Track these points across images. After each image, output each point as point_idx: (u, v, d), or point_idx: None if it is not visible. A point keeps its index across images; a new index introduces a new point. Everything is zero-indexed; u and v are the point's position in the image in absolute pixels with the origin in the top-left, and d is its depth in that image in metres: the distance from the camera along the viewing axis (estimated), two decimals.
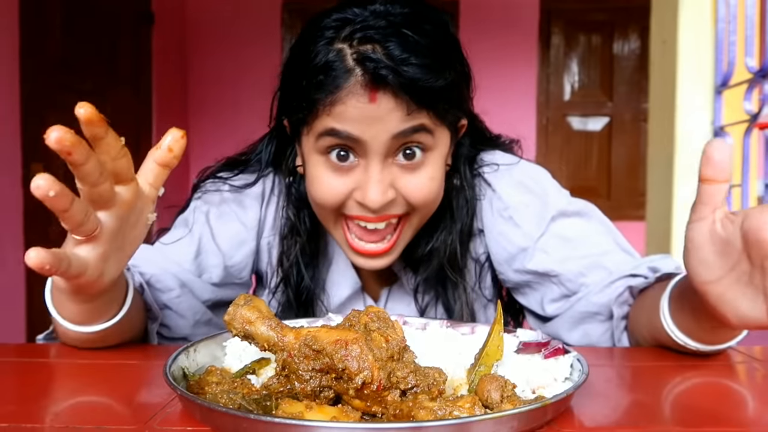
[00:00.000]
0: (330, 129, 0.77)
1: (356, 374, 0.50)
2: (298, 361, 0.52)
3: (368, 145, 0.77)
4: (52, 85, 2.75)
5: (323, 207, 0.83)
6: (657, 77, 2.50)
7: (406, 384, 0.52)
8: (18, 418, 0.53)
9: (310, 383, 0.52)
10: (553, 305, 0.91)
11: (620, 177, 4.30)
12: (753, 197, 2.23)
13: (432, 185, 0.81)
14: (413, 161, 0.79)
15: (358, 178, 0.79)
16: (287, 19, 4.27)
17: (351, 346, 0.50)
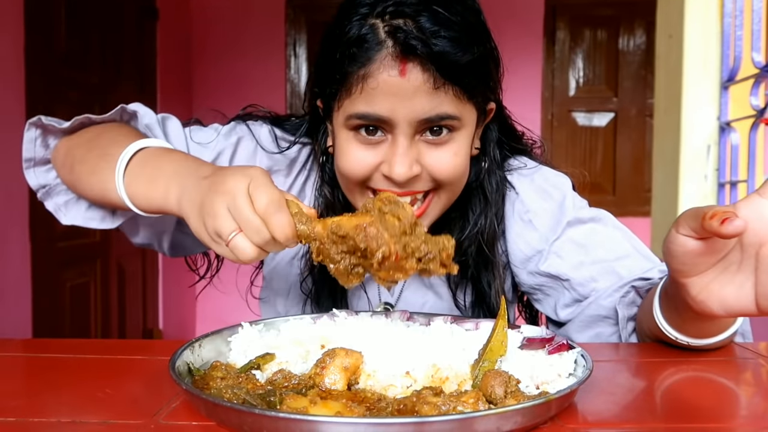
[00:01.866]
0: (360, 113, 0.79)
1: (376, 251, 0.60)
2: (329, 247, 0.62)
3: (396, 124, 0.79)
4: (56, 80, 2.75)
5: (350, 179, 0.84)
6: (663, 72, 2.49)
7: (420, 252, 0.61)
8: (25, 413, 0.54)
9: (342, 263, 0.62)
10: (565, 310, 0.92)
11: (625, 173, 4.28)
12: None
13: (456, 161, 0.82)
14: (439, 137, 0.81)
15: (386, 152, 0.81)
16: (292, 14, 4.26)
17: (369, 229, 0.60)
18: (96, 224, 0.89)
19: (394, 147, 0.80)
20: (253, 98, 3.74)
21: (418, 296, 0.96)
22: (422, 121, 0.79)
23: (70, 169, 0.85)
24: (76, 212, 0.90)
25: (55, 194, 0.91)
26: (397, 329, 0.69)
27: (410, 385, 0.58)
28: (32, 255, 2.53)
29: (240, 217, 0.62)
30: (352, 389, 0.59)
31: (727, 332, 0.72)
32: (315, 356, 0.62)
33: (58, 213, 0.91)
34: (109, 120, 0.89)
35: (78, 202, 0.90)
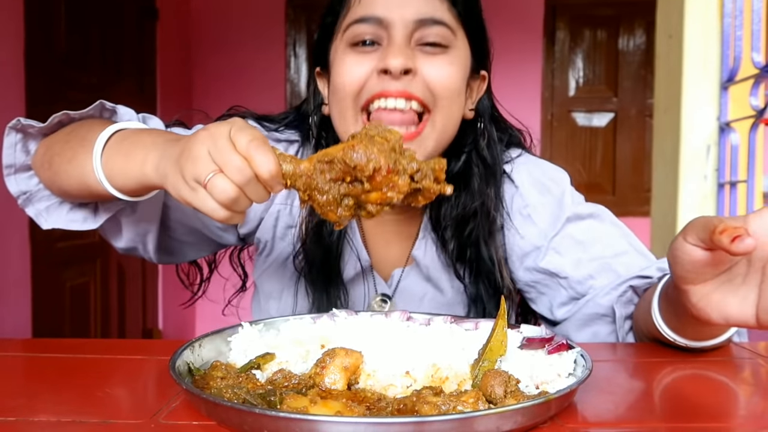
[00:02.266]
0: (358, 17, 0.83)
1: (366, 164, 0.58)
2: (315, 177, 0.59)
3: (392, 24, 0.82)
4: (56, 80, 2.75)
5: (346, 91, 0.84)
6: (662, 72, 2.49)
7: (412, 169, 0.60)
8: (25, 412, 0.54)
9: (330, 193, 0.59)
10: (562, 309, 0.92)
11: (625, 173, 4.28)
12: (758, 193, 2.22)
13: (451, 71, 0.84)
14: (434, 49, 0.84)
15: (381, 54, 0.82)
16: (291, 14, 4.26)
17: (357, 147, 0.59)
18: (78, 225, 0.88)
19: (390, 44, 0.82)
20: (253, 98, 3.75)
21: (418, 288, 0.95)
22: (417, 22, 0.82)
23: (48, 164, 0.83)
24: (58, 216, 0.88)
25: (36, 200, 0.89)
26: (397, 329, 0.69)
27: (410, 384, 0.58)
28: (32, 255, 2.53)
29: (221, 157, 0.58)
30: (352, 389, 0.59)
31: (724, 335, 0.72)
32: (315, 356, 0.62)
33: (39, 218, 0.89)
34: (88, 116, 0.88)
35: (60, 206, 0.89)
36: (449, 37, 0.84)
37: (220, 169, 0.58)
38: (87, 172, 0.76)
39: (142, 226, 0.90)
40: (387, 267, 0.97)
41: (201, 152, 0.59)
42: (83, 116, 0.87)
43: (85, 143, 0.77)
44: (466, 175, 0.92)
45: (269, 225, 0.95)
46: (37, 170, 0.87)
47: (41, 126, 0.86)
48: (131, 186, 0.73)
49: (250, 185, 0.59)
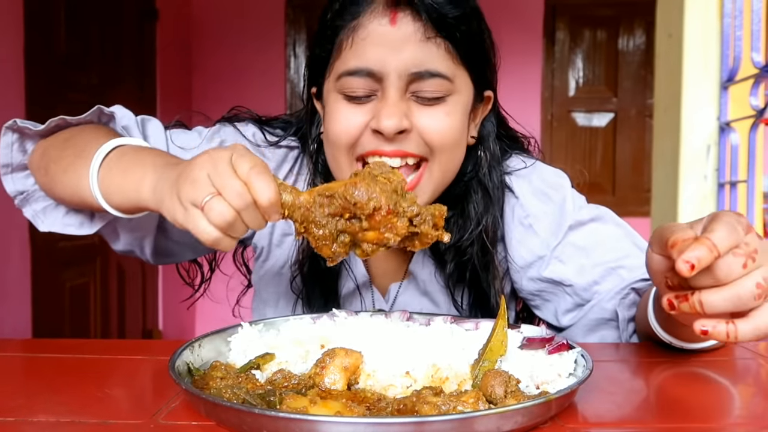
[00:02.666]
0: (350, 69, 0.78)
1: (367, 203, 0.58)
2: (314, 210, 0.59)
3: (386, 76, 0.77)
4: (56, 81, 2.75)
5: (338, 143, 0.81)
6: (662, 72, 2.49)
7: (411, 212, 0.60)
8: (25, 413, 0.54)
9: (327, 227, 0.59)
10: (567, 316, 0.91)
11: (625, 173, 4.28)
12: (758, 193, 2.22)
13: (449, 122, 0.80)
14: (431, 99, 0.79)
15: (375, 108, 0.79)
16: (291, 15, 4.26)
17: (359, 185, 0.59)
18: (74, 230, 0.87)
19: (384, 100, 0.78)
20: (253, 99, 3.75)
21: (414, 303, 0.94)
22: (412, 75, 0.77)
23: (45, 170, 0.82)
24: (54, 218, 0.88)
25: (33, 201, 0.88)
26: (397, 329, 0.69)
27: (410, 384, 0.58)
28: (32, 255, 2.53)
29: (220, 181, 0.58)
30: (351, 389, 0.59)
31: None
32: (315, 356, 0.62)
33: (36, 220, 0.88)
34: (86, 122, 0.87)
35: (56, 208, 0.88)
36: (448, 88, 0.79)
37: (219, 193, 0.58)
38: (82, 185, 0.75)
39: (138, 231, 0.90)
40: (384, 281, 0.95)
41: (200, 175, 0.59)
42: (81, 122, 0.86)
43: (83, 155, 0.76)
44: (465, 200, 0.90)
45: (265, 232, 0.94)
46: (34, 172, 0.86)
47: (38, 129, 0.85)
48: (126, 206, 0.73)
49: (248, 211, 0.59)
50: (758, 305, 0.55)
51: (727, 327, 0.55)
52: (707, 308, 0.54)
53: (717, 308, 0.54)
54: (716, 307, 0.54)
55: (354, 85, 0.79)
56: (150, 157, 0.72)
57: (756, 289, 0.54)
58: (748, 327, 0.55)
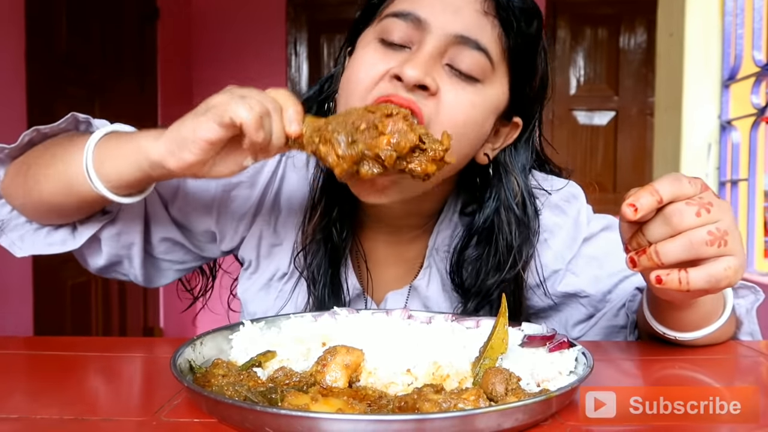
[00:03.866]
0: (398, 11, 0.75)
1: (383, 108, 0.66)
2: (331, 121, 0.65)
3: (429, 30, 0.72)
4: (57, 79, 2.75)
5: (356, 86, 0.74)
6: (664, 71, 2.49)
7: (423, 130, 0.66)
8: (28, 410, 0.54)
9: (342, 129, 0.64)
10: (577, 327, 0.90)
11: (626, 171, 4.28)
12: (759, 191, 2.22)
13: (472, 112, 0.73)
14: (465, 75, 0.73)
15: (405, 58, 0.73)
16: (292, 13, 4.26)
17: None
18: (57, 248, 0.83)
19: (418, 51, 0.72)
20: None
21: None
22: (457, 38, 0.72)
23: (24, 176, 0.78)
24: (34, 241, 0.83)
25: (9, 230, 0.84)
26: (398, 327, 0.69)
27: (411, 382, 0.58)
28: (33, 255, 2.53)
29: (248, 91, 0.63)
30: (353, 387, 0.59)
31: (710, 327, 0.71)
32: (316, 354, 0.62)
33: (13, 247, 0.84)
34: (61, 130, 0.82)
35: (36, 232, 0.83)
36: (486, 71, 0.74)
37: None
38: (72, 172, 0.72)
39: (124, 238, 0.85)
40: (380, 290, 0.91)
41: (225, 91, 0.64)
42: (55, 131, 0.82)
43: (69, 148, 0.74)
44: (490, 233, 0.83)
45: (252, 244, 0.90)
46: (10, 192, 0.82)
47: (10, 148, 0.81)
48: (123, 170, 0.69)
49: (275, 115, 0.63)
50: (714, 256, 0.56)
51: (679, 274, 0.57)
52: (662, 257, 0.57)
53: (671, 255, 0.56)
54: (670, 254, 0.56)
55: (394, 28, 0.74)
56: (149, 130, 0.70)
57: (707, 236, 0.56)
58: (700, 274, 0.57)
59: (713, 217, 0.56)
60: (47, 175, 0.75)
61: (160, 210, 0.87)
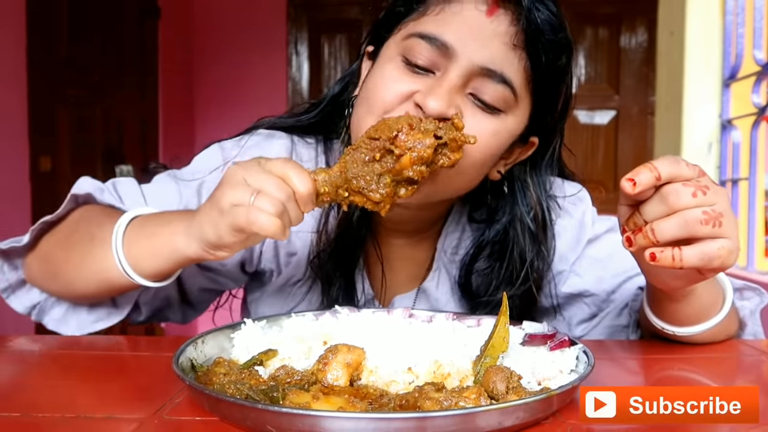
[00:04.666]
0: (426, 33, 0.73)
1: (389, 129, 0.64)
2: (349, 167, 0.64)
3: (456, 58, 0.71)
4: (58, 79, 2.75)
5: (375, 104, 0.74)
6: (664, 70, 2.49)
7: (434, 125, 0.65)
8: (29, 408, 0.54)
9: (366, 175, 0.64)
10: (580, 326, 0.90)
11: (627, 170, 4.21)
12: (760, 191, 2.22)
13: (491, 142, 0.74)
14: (487, 106, 0.73)
15: (428, 84, 0.72)
16: (293, 13, 4.26)
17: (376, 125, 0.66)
18: (105, 323, 0.81)
19: (442, 79, 0.72)
20: (255, 97, 3.74)
21: None
22: (483, 70, 0.71)
23: (53, 276, 0.79)
24: (79, 320, 0.82)
25: (49, 309, 0.84)
26: (399, 325, 0.69)
27: (412, 380, 0.58)
28: None
29: (258, 181, 0.60)
30: (354, 385, 0.59)
31: (709, 322, 0.71)
32: (317, 352, 0.62)
33: (60, 327, 0.83)
34: (66, 212, 0.82)
35: (75, 310, 0.83)
36: (509, 103, 0.73)
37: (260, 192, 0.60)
38: (105, 267, 0.72)
39: (161, 295, 0.85)
40: (390, 293, 0.91)
41: (237, 180, 0.61)
42: (61, 216, 0.81)
43: (95, 240, 0.73)
44: (503, 246, 0.84)
45: (270, 255, 0.89)
46: (39, 284, 0.83)
47: (24, 243, 0.82)
48: (160, 266, 0.70)
49: (291, 204, 0.61)
50: (708, 236, 0.57)
51: (673, 251, 0.58)
52: (658, 234, 0.58)
53: (666, 233, 0.57)
54: (665, 232, 0.57)
55: (420, 50, 0.72)
56: (171, 213, 0.71)
57: (702, 215, 0.57)
58: (693, 251, 0.57)
59: (709, 199, 0.57)
60: (81, 276, 0.75)
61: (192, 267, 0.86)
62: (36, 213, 2.53)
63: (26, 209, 2.51)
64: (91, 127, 3.05)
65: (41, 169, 2.57)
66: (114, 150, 3.24)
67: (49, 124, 2.67)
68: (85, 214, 0.81)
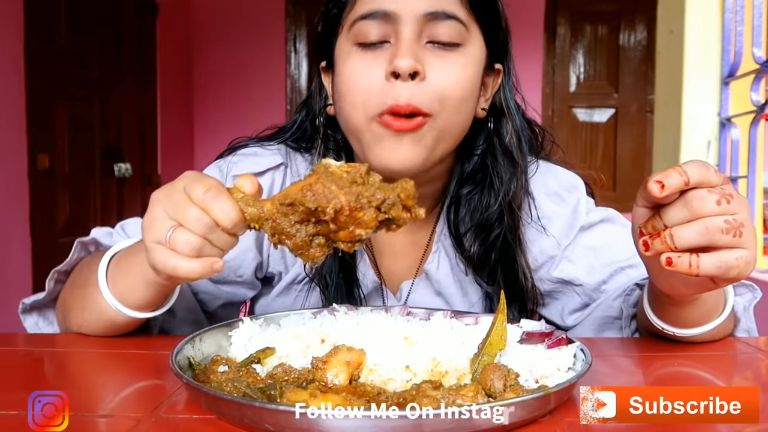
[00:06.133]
0: (365, 12, 0.77)
1: (325, 207, 0.55)
2: (280, 221, 0.57)
3: (401, 18, 0.76)
4: (57, 76, 2.75)
5: (354, 96, 0.78)
6: (663, 68, 2.49)
7: (377, 200, 0.57)
8: (27, 407, 0.54)
9: (297, 236, 0.58)
10: (573, 315, 0.91)
11: (626, 168, 4.28)
12: (759, 189, 2.22)
13: (464, 74, 0.78)
14: (447, 44, 0.77)
15: (389, 54, 0.76)
16: (292, 10, 4.26)
17: (314, 186, 0.56)
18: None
19: (398, 42, 0.76)
20: (254, 94, 3.73)
21: (428, 302, 0.91)
22: (428, 16, 0.76)
23: (68, 323, 0.79)
24: None
25: None
26: (397, 323, 0.69)
27: (410, 378, 0.58)
28: (33, 251, 2.53)
29: (177, 212, 0.57)
30: (352, 383, 0.59)
31: (710, 324, 0.72)
32: (315, 351, 0.62)
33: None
34: (76, 260, 0.83)
35: None
36: (462, 34, 0.78)
37: (180, 224, 0.58)
38: (103, 308, 0.71)
39: (189, 321, 0.86)
40: (395, 280, 0.93)
41: (157, 212, 0.59)
42: (72, 264, 0.83)
43: (89, 285, 0.74)
44: (484, 174, 0.87)
45: (278, 257, 0.91)
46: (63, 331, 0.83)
47: (44, 295, 0.83)
48: (145, 297, 0.69)
49: (215, 234, 0.58)
50: (727, 245, 0.57)
51: (690, 258, 0.57)
52: (677, 240, 0.57)
53: (685, 239, 0.56)
54: (684, 238, 0.56)
55: (367, 30, 0.77)
56: (141, 243, 0.69)
57: (724, 224, 0.56)
58: (711, 259, 0.57)
59: (732, 208, 0.56)
60: (88, 322, 0.75)
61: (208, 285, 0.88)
62: (34, 211, 2.53)
63: (25, 207, 2.51)
64: (90, 124, 3.05)
65: (39, 167, 2.57)
66: (112, 147, 3.24)
67: (47, 122, 2.67)
68: (87, 260, 0.81)
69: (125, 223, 0.88)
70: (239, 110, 4.16)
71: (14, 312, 0.85)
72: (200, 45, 4.24)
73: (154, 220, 0.59)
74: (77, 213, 2.84)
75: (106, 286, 0.70)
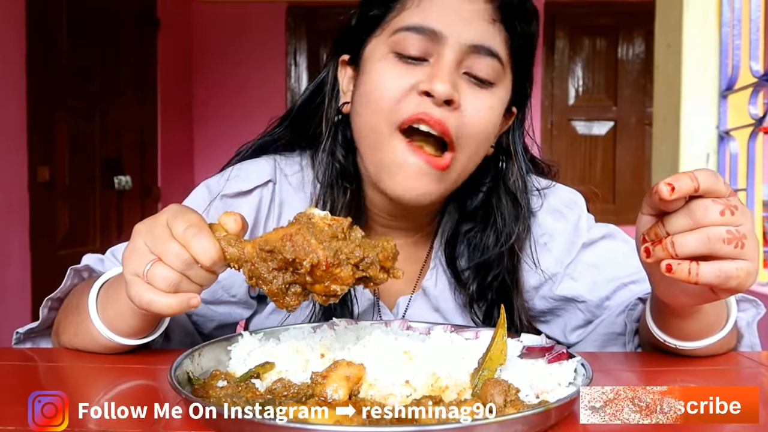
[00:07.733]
0: (412, 25, 0.76)
1: (302, 259, 0.55)
2: (259, 266, 0.57)
3: (446, 41, 0.75)
4: (58, 89, 2.76)
5: (380, 104, 0.76)
6: (662, 81, 2.50)
7: (356, 258, 0.57)
8: (24, 421, 0.53)
9: (274, 283, 0.58)
10: (575, 332, 0.91)
11: (625, 181, 4.29)
12: (758, 201, 2.22)
13: (491, 115, 0.78)
14: (482, 81, 0.78)
15: (425, 72, 0.75)
16: (292, 23, 4.28)
17: (294, 237, 0.56)
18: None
19: (439, 64, 0.75)
20: (254, 107, 3.76)
21: (425, 317, 0.90)
22: (472, 47, 0.76)
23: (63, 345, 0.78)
24: None
25: None
26: (397, 338, 0.68)
27: (410, 393, 0.58)
28: (32, 263, 2.53)
29: (158, 246, 0.58)
30: (352, 399, 0.59)
31: (712, 337, 0.71)
32: (315, 365, 0.62)
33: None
34: (70, 287, 0.82)
35: None
36: (499, 74, 0.78)
37: (159, 259, 0.58)
38: (95, 335, 0.71)
39: (183, 338, 0.86)
40: (392, 295, 0.91)
41: (138, 245, 0.60)
42: (66, 290, 0.82)
43: (81, 313, 0.73)
44: (486, 213, 0.87)
45: None
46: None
47: (38, 323, 0.81)
48: (133, 325, 0.69)
49: (193, 270, 0.58)
50: (728, 256, 0.57)
51: (690, 265, 0.57)
52: (678, 247, 0.57)
53: (687, 247, 0.57)
54: (686, 246, 0.57)
55: (410, 43, 0.76)
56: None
57: (726, 234, 0.56)
58: (711, 268, 0.57)
59: (736, 219, 0.57)
60: (83, 345, 0.75)
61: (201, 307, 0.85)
62: (34, 223, 2.53)
63: (24, 219, 2.51)
64: (90, 137, 3.06)
65: (40, 179, 2.58)
66: (113, 160, 3.24)
67: (48, 134, 2.68)
68: (80, 286, 0.81)
69: (115, 249, 0.87)
70: (239, 123, 4.17)
71: (13, 323, 0.84)
72: (201, 58, 4.26)
73: (134, 253, 0.60)
74: (77, 225, 2.84)
75: (96, 314, 0.70)
